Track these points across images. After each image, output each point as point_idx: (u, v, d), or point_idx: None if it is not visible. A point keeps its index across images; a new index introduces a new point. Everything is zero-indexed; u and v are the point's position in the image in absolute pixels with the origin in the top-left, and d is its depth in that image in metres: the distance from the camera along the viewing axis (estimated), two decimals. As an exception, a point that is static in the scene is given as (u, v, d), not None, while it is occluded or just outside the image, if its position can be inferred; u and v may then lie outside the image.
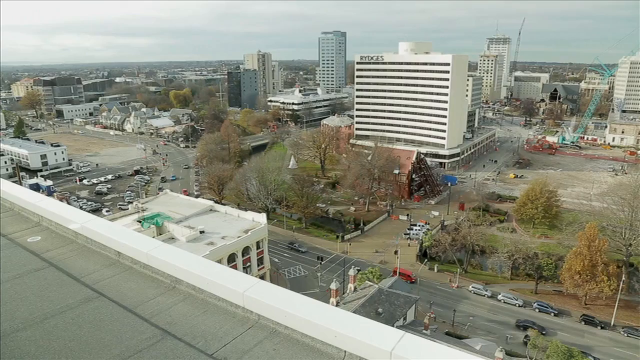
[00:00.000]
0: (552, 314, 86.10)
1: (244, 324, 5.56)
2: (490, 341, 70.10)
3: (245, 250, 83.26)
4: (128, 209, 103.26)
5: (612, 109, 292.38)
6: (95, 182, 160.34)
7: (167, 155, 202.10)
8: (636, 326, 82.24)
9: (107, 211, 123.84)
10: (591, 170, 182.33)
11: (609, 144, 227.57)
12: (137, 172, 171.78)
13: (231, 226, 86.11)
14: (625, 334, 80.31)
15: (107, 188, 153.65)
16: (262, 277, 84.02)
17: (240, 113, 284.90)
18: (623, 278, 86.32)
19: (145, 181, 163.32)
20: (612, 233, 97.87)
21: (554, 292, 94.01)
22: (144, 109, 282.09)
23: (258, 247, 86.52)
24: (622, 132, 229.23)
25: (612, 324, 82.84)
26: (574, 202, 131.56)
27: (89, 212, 12.70)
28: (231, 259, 79.23)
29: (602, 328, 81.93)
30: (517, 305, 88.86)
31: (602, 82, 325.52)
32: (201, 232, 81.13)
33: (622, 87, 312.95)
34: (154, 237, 74.40)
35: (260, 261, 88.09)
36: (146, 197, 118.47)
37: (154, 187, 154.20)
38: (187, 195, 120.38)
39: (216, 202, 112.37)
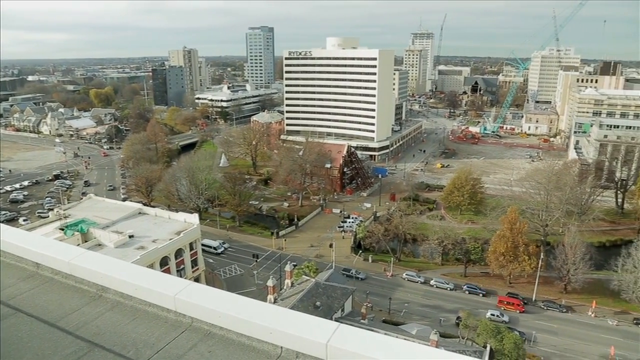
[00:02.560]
0: (481, 295, 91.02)
1: (176, 328, 5.41)
2: (425, 325, 72.89)
3: (178, 253, 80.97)
4: (49, 216, 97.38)
5: (527, 100, 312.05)
6: (9, 189, 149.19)
7: (89, 157, 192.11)
8: (553, 299, 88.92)
9: (24, 220, 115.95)
10: (510, 158, 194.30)
11: (525, 132, 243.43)
12: (57, 177, 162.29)
13: (162, 229, 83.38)
14: (545, 307, 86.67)
15: (24, 195, 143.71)
16: (196, 279, 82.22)
17: (167, 111, 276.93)
18: (541, 256, 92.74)
19: (67, 186, 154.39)
20: (531, 215, 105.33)
21: (481, 274, 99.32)
22: (61, 110, 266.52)
23: (191, 249, 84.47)
24: (537, 121, 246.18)
25: (533, 299, 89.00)
26: (496, 188, 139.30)
27: (2, 222, 11.79)
28: (164, 263, 76.76)
29: (525, 304, 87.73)
30: (448, 289, 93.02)
31: (517, 74, 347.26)
32: (130, 236, 77.95)
33: (535, 79, 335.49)
34: (78, 244, 70.62)
35: (194, 263, 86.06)
36: (68, 202, 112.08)
37: (77, 192, 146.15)
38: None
39: (145, 204, 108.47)
